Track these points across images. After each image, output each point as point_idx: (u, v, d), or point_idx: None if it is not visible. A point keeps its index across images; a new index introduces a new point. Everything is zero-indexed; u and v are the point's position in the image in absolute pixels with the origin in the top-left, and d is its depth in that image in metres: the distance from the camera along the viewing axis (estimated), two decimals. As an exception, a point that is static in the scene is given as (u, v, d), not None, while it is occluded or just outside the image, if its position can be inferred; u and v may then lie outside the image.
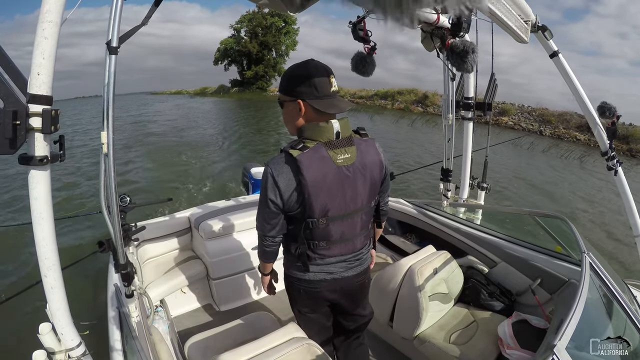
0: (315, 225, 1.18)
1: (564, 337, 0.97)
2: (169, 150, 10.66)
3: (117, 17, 0.98)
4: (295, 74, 1.15)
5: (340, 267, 1.30)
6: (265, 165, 1.17)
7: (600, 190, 8.07)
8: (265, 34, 33.88)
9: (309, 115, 1.15)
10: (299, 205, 1.15)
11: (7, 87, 0.88)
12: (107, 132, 1.02)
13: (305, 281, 1.31)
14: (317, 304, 1.40)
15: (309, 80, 1.11)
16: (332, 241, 1.23)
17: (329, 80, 1.13)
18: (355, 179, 1.17)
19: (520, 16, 1.74)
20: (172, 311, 2.27)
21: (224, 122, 18.14)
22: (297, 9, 1.44)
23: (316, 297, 1.35)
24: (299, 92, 1.13)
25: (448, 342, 1.68)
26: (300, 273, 1.30)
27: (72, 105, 39.60)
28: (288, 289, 1.42)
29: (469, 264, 2.09)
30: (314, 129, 1.13)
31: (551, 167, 10.30)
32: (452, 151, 2.50)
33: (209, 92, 42.26)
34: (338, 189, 1.15)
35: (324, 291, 1.33)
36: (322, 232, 1.20)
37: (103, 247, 1.35)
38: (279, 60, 35.59)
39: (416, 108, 21.37)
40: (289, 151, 1.11)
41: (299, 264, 1.28)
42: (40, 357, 1.07)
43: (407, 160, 9.39)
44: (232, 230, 2.41)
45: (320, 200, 1.14)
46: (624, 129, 13.14)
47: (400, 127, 16.38)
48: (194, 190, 6.83)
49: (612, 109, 2.05)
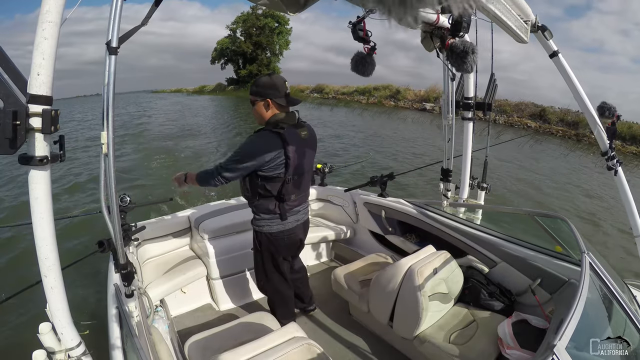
0: (289, 182, 1.69)
1: (564, 337, 0.97)
2: (165, 149, 10.74)
3: (116, 18, 0.98)
4: (263, 82, 1.68)
5: (301, 213, 1.89)
6: (253, 136, 1.64)
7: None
8: (259, 35, 35.21)
9: (273, 109, 1.68)
10: (282, 167, 1.64)
11: (7, 87, 0.88)
12: (107, 132, 1.03)
13: (286, 231, 1.81)
14: (292, 247, 1.93)
15: (273, 85, 1.66)
16: (297, 194, 1.78)
17: (285, 85, 1.69)
18: (309, 148, 1.77)
19: (520, 16, 1.74)
20: (172, 311, 2.27)
21: (209, 117, 19.98)
22: (296, 10, 1.44)
23: (294, 240, 1.89)
24: (267, 94, 1.66)
25: (448, 342, 1.68)
26: (280, 226, 1.79)
27: (74, 103, 40.25)
28: (267, 247, 1.84)
29: (468, 264, 2.09)
30: (286, 117, 1.69)
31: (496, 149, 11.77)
32: (452, 151, 2.50)
33: (206, 90, 43.30)
34: (302, 155, 1.70)
35: (298, 233, 1.89)
36: (292, 187, 1.73)
37: (103, 247, 1.35)
38: (273, 59, 36.87)
39: (389, 102, 23.13)
40: (274, 130, 1.62)
41: (277, 218, 1.76)
42: (40, 356, 1.07)
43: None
44: (232, 230, 2.41)
45: (295, 162, 1.66)
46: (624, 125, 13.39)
47: (349, 116, 19.33)
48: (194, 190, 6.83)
49: (612, 109, 2.05)
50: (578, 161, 10.99)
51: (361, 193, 2.87)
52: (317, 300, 2.43)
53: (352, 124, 16.00)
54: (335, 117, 18.72)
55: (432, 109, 20.02)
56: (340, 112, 20.75)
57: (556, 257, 1.77)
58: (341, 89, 27.46)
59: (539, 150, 12.37)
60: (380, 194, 2.75)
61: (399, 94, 22.92)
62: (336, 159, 8.96)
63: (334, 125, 15.43)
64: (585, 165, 10.50)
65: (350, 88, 26.80)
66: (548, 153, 11.95)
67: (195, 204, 3.58)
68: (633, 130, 13.44)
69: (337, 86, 28.13)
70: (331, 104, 23.55)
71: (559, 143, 14.01)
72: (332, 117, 18.62)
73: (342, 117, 18.86)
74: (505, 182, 7.77)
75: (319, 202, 3.15)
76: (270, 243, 1.83)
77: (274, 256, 1.89)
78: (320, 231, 2.85)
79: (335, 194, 3.06)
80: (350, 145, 11.49)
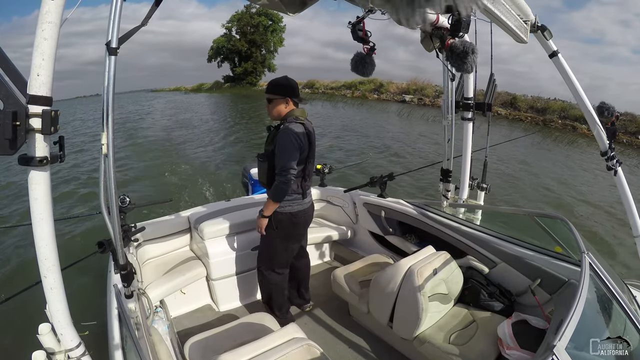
0: (309, 163, 2.00)
1: (564, 337, 0.97)
2: (164, 149, 10.81)
3: (116, 18, 0.98)
4: (283, 83, 1.98)
5: (310, 195, 2.14)
6: (285, 129, 1.87)
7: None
8: (253, 33, 36.06)
9: (290, 106, 1.97)
10: (307, 150, 1.93)
11: (6, 88, 0.88)
12: (107, 133, 1.03)
13: (303, 210, 2.05)
14: (305, 225, 2.16)
15: (291, 86, 1.98)
16: (309, 177, 2.07)
17: (298, 86, 2.02)
18: (315, 139, 2.02)
19: (519, 16, 1.74)
20: (171, 312, 2.27)
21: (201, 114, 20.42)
22: (296, 10, 1.44)
23: (308, 219, 2.13)
24: (286, 93, 1.95)
25: (448, 342, 1.68)
26: (299, 206, 2.02)
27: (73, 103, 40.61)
28: (286, 226, 2.02)
29: (468, 265, 2.09)
30: (300, 112, 1.97)
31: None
32: (452, 151, 2.50)
33: (204, 88, 43.78)
34: (313, 143, 2.00)
35: (310, 213, 2.13)
36: (309, 170, 2.03)
37: (103, 247, 1.35)
38: (268, 56, 37.84)
39: (372, 95, 24.23)
40: (296, 122, 1.91)
41: (299, 197, 2.01)
42: (40, 357, 1.07)
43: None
44: (232, 231, 2.41)
45: (312, 149, 1.98)
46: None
47: (325, 108, 20.50)
48: (192, 191, 6.83)
49: (611, 108, 2.05)
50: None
51: (361, 193, 2.87)
52: (316, 300, 2.43)
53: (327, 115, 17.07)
54: (316, 109, 19.62)
55: (411, 100, 21.18)
56: (326, 105, 21.56)
57: (556, 258, 1.77)
58: (330, 84, 28.57)
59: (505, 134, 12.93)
60: (379, 194, 2.75)
61: (382, 87, 23.95)
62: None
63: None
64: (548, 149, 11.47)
65: (338, 83, 27.87)
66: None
67: (196, 204, 3.58)
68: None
69: (327, 81, 29.38)
70: (320, 99, 24.58)
71: (525, 127, 15.06)
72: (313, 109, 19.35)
73: (328, 110, 19.63)
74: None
75: (318, 203, 3.15)
76: (290, 222, 2.01)
77: (288, 235, 2.07)
78: (319, 232, 2.85)
79: (334, 194, 3.06)
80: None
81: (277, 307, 2.18)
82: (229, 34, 37.47)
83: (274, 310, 2.17)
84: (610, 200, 6.27)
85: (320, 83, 29.26)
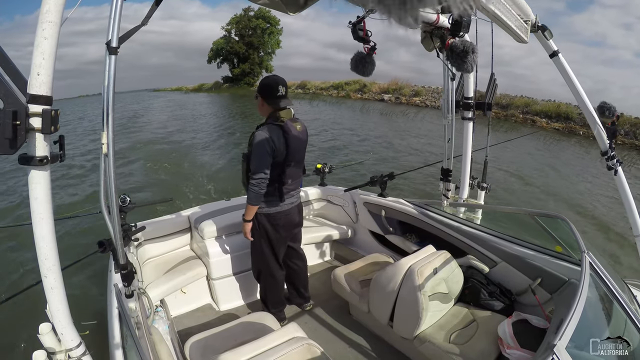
0: (288, 166, 1.94)
1: (564, 336, 0.97)
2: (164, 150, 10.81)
3: (117, 17, 0.98)
4: (263, 82, 1.96)
5: (295, 197, 2.11)
6: (256, 131, 1.86)
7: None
8: (251, 35, 37.20)
9: (268, 106, 1.93)
10: (284, 153, 1.88)
11: (7, 87, 0.88)
12: (107, 132, 1.02)
13: (282, 212, 2.02)
14: (288, 226, 2.10)
15: (268, 85, 1.92)
16: (293, 179, 2.02)
17: (281, 86, 1.92)
18: (302, 140, 2.01)
19: (520, 16, 1.74)
20: (172, 311, 2.27)
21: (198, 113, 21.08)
22: (296, 10, 1.44)
23: (290, 220, 2.09)
24: (261, 92, 1.93)
25: (448, 341, 1.68)
26: (277, 207, 2.00)
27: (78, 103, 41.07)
28: (265, 227, 2.02)
29: (469, 264, 2.09)
30: (285, 113, 1.92)
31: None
32: (452, 151, 2.50)
33: (205, 88, 44.62)
34: (297, 145, 1.96)
35: (294, 214, 2.11)
36: (289, 172, 1.97)
37: (103, 247, 1.35)
38: (265, 57, 38.90)
39: (356, 95, 25.55)
40: (275, 123, 1.88)
41: (275, 199, 1.97)
42: (40, 357, 1.07)
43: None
44: (232, 230, 2.40)
45: (292, 150, 1.91)
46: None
47: (313, 106, 21.67)
48: (192, 190, 6.82)
49: (612, 108, 2.05)
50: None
51: (361, 193, 2.87)
52: (317, 300, 2.43)
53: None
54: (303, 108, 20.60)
55: (389, 99, 22.60)
56: (314, 104, 22.77)
57: (556, 257, 1.77)
58: (320, 84, 30.23)
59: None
60: (380, 193, 2.75)
61: (365, 87, 25.34)
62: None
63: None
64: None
65: (327, 83, 29.53)
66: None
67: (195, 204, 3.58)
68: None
69: (318, 82, 31.10)
70: (309, 98, 26.21)
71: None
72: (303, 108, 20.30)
73: (305, 107, 20.84)
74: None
75: (319, 202, 3.15)
76: (268, 222, 2.01)
77: (270, 237, 2.05)
78: (320, 231, 2.85)
79: (335, 193, 3.06)
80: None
81: (273, 305, 2.20)
82: (228, 36, 38.42)
83: (269, 308, 2.18)
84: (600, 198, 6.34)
85: (311, 84, 31.05)
